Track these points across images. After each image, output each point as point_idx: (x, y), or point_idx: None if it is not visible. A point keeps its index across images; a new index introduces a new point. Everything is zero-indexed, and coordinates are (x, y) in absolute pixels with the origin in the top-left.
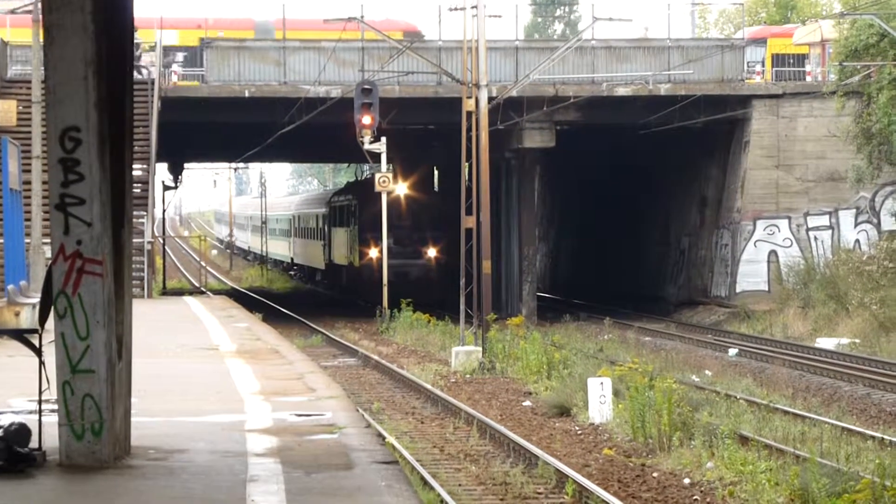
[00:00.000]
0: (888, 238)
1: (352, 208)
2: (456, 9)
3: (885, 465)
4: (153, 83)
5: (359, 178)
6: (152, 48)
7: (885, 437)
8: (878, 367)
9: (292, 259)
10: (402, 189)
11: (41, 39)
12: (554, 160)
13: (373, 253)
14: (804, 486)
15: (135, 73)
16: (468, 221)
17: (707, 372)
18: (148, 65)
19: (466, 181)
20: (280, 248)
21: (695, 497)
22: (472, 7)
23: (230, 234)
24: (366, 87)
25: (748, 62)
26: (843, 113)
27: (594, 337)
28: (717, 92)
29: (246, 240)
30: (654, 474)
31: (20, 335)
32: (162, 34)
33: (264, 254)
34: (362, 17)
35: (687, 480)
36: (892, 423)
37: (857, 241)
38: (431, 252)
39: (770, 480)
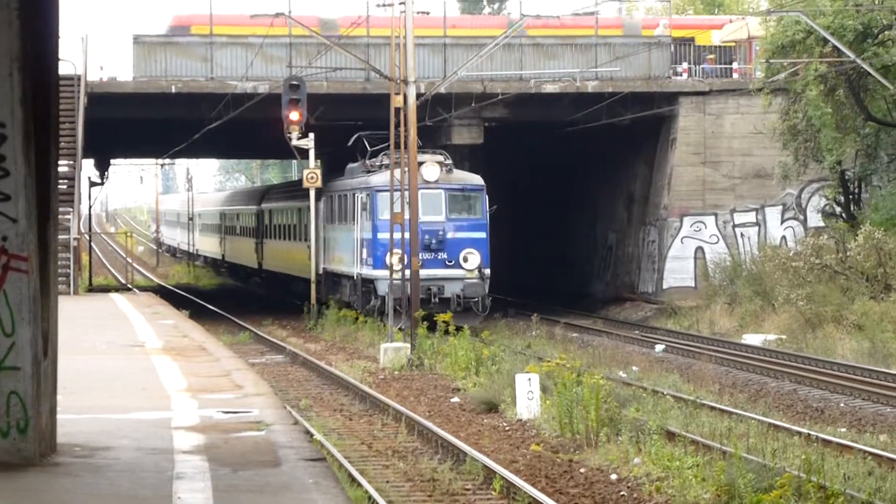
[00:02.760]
0: (814, 234)
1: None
2: (384, 5)
3: (810, 461)
4: (79, 79)
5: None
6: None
7: (811, 432)
8: (804, 363)
9: (223, 256)
10: (432, 174)
11: None
12: (483, 157)
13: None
14: (730, 482)
15: (60, 69)
16: (398, 218)
17: (634, 368)
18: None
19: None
20: (210, 245)
21: (622, 493)
22: (401, 3)
23: (157, 231)
24: (293, 82)
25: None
26: (770, 110)
27: (522, 333)
28: (644, 89)
29: (175, 237)
30: (582, 470)
31: None
32: (88, 37)
33: (193, 251)
34: (290, 12)
35: (614, 476)
36: (818, 419)
37: (784, 237)
38: (475, 260)
39: (697, 476)
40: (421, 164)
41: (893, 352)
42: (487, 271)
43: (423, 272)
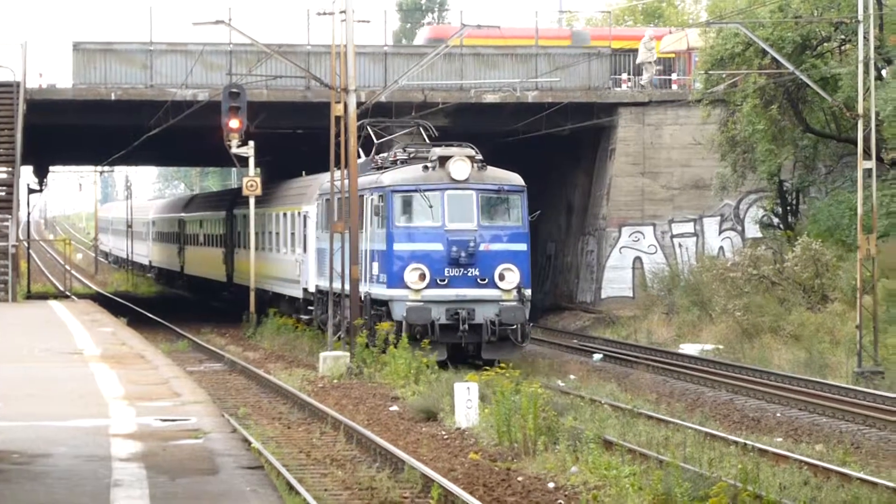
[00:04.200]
0: (752, 245)
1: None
2: (324, 13)
3: (746, 470)
4: (18, 85)
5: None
6: None
7: (748, 442)
8: (740, 372)
9: (182, 267)
10: (462, 171)
11: None
12: None
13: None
14: (667, 491)
15: None
16: (337, 227)
17: (572, 376)
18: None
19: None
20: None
21: (559, 501)
22: (341, 12)
23: (95, 238)
24: (233, 90)
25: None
26: (709, 121)
27: None
28: (583, 100)
29: (114, 244)
30: (519, 478)
31: None
32: (27, 43)
33: (130, 258)
34: (230, 20)
35: (552, 485)
36: (755, 428)
37: (721, 248)
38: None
39: (633, 485)
40: (446, 159)
41: (829, 362)
42: (528, 292)
43: (450, 292)
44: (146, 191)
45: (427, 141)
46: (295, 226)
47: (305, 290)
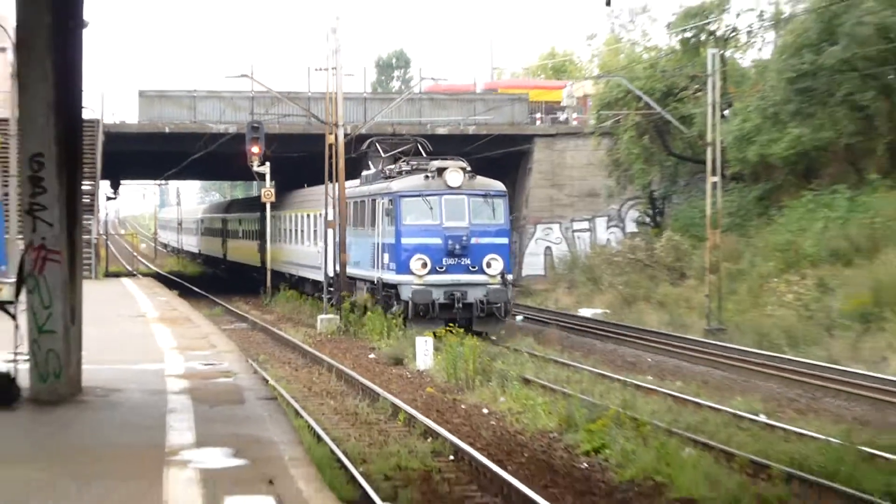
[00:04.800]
0: (630, 237)
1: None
2: (320, 69)
3: (626, 400)
4: (98, 122)
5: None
6: None
7: (627, 379)
8: (622, 329)
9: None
10: (456, 179)
11: (16, 88)
12: None
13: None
14: (569, 414)
15: (84, 114)
16: (331, 226)
17: (502, 332)
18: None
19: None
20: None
21: (491, 422)
22: (333, 68)
23: (154, 233)
24: (254, 125)
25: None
26: (599, 148)
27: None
28: (509, 132)
29: (170, 238)
30: (463, 406)
31: (1, 305)
32: (104, 92)
33: (181, 248)
34: (252, 74)
35: (486, 410)
36: (632, 369)
37: (608, 239)
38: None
39: (545, 410)
40: (443, 170)
41: (686, 322)
42: (510, 276)
43: (447, 277)
44: (191, 198)
45: (423, 154)
46: (317, 224)
47: (326, 274)
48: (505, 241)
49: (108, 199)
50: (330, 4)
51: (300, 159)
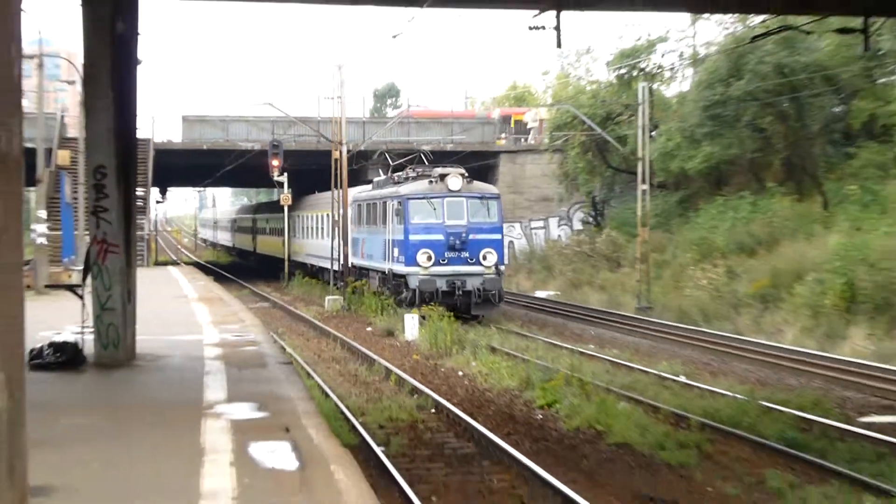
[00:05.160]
0: (576, 234)
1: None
2: (329, 98)
3: (573, 364)
4: (150, 141)
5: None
6: None
7: (574, 347)
8: (570, 307)
9: (254, 248)
10: (456, 184)
11: (84, 114)
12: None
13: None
14: (527, 376)
15: (137, 135)
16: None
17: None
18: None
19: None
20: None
21: (465, 381)
22: (338, 97)
23: (195, 230)
24: (275, 143)
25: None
26: (552, 162)
27: None
28: (480, 149)
29: (209, 235)
30: (442, 369)
31: (71, 288)
32: (154, 117)
33: (216, 242)
34: (273, 102)
35: (460, 373)
36: (578, 340)
37: (559, 235)
38: (493, 258)
39: (508, 373)
40: (445, 175)
41: (621, 301)
42: (503, 267)
43: (448, 268)
44: (224, 202)
45: (426, 163)
46: (327, 223)
47: (332, 263)
48: (498, 236)
49: (158, 202)
50: (337, 46)
51: (312, 170)
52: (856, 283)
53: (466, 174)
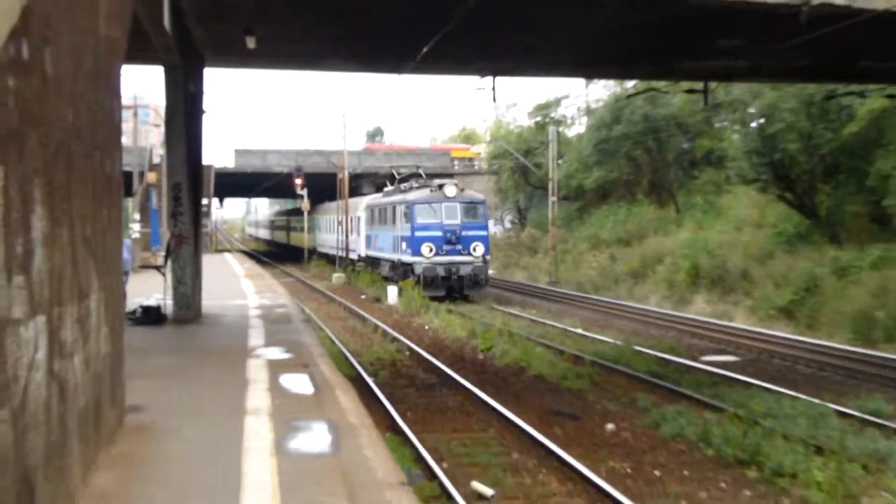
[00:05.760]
0: (506, 231)
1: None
2: (339, 137)
3: (505, 321)
4: (211, 167)
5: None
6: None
7: (505, 310)
8: (503, 282)
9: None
10: (451, 192)
11: (165, 148)
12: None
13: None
14: (473, 329)
15: (203, 161)
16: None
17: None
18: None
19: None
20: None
21: (430, 333)
22: (342, 137)
23: (243, 229)
24: (298, 168)
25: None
26: (490, 181)
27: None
28: (440, 172)
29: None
30: (413, 325)
31: (157, 268)
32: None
33: (258, 237)
34: (297, 138)
35: (427, 327)
36: (507, 304)
37: (496, 232)
38: (481, 250)
39: (460, 326)
40: (442, 185)
41: (538, 278)
42: (488, 257)
43: (446, 258)
44: (262, 209)
45: (423, 178)
46: (352, 223)
47: (359, 255)
48: (485, 233)
49: (217, 208)
50: (344, 95)
51: (324, 186)
52: (699, 264)
53: (460, 185)
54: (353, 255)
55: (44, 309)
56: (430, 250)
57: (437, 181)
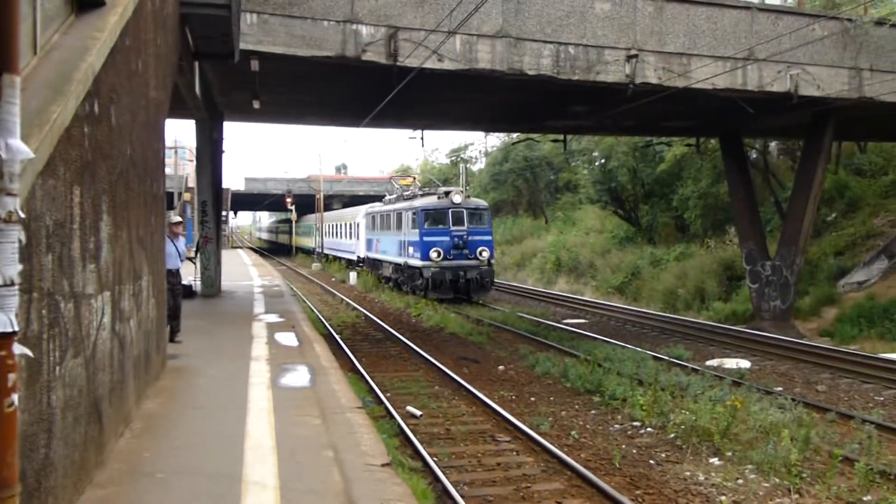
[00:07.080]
0: None
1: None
2: (316, 169)
3: (492, 315)
4: (228, 189)
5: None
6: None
7: (487, 304)
8: None
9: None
10: (458, 199)
11: (196, 176)
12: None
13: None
14: (408, 302)
15: (223, 185)
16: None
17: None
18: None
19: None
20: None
21: (380, 305)
22: (319, 169)
23: (251, 233)
24: (289, 190)
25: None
26: None
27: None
28: (384, 194)
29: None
30: (368, 299)
31: (190, 259)
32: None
33: (262, 238)
34: (286, 172)
35: (377, 300)
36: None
37: None
38: (486, 255)
39: (399, 299)
40: (449, 192)
41: (520, 278)
42: (493, 260)
43: (453, 262)
44: (265, 219)
45: (421, 187)
46: (351, 228)
47: (358, 256)
48: (489, 238)
49: (232, 218)
50: (320, 139)
51: (307, 203)
52: (560, 258)
53: (466, 192)
54: (351, 257)
55: (109, 287)
56: (438, 255)
57: (444, 188)
